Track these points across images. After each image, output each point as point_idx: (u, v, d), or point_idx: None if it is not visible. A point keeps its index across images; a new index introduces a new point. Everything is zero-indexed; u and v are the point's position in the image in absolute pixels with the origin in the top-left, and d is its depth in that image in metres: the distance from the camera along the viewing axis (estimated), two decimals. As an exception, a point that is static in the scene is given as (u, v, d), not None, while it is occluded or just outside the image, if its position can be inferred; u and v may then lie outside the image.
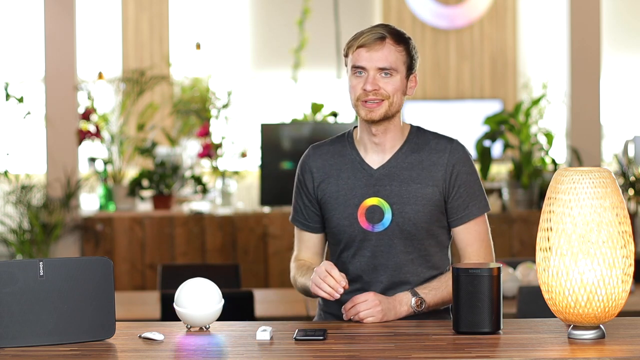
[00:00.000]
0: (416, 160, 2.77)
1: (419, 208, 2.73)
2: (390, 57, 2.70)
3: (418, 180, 2.75)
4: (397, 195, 2.73)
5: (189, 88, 8.85)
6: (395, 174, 2.75)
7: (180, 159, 6.97)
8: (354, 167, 2.77)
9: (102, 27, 9.68)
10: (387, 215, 2.72)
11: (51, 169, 6.40)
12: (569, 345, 2.31)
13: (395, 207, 2.72)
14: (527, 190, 6.44)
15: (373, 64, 2.69)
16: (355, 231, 2.75)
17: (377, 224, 2.73)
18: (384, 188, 2.74)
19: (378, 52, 2.69)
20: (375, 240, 2.74)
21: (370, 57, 2.69)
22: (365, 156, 2.78)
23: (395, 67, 2.70)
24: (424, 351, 2.29)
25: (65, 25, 6.41)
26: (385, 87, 2.70)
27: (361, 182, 2.75)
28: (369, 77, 2.69)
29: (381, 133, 2.75)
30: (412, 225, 2.73)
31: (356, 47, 2.70)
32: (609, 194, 2.31)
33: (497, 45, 9.72)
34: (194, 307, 2.49)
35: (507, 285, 4.27)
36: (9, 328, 2.32)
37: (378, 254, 2.75)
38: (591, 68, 6.49)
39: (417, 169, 2.76)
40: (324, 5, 8.79)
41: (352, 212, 2.74)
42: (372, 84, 2.68)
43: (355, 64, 2.71)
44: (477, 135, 6.82)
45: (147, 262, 6.38)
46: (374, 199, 2.72)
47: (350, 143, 2.82)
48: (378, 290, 2.74)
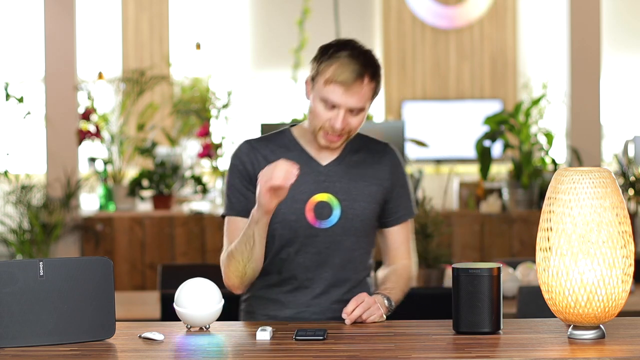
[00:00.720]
0: (361, 159, 2.78)
1: (367, 205, 2.75)
2: (365, 96, 2.64)
3: (364, 177, 2.77)
4: (346, 192, 2.73)
5: (189, 88, 8.85)
6: (343, 171, 2.75)
7: (180, 159, 6.97)
8: (301, 161, 2.71)
9: (102, 27, 9.68)
10: (335, 211, 2.68)
11: (51, 169, 6.40)
12: (569, 345, 2.31)
13: (344, 203, 2.71)
14: (527, 190, 6.44)
15: (347, 105, 2.62)
16: (302, 227, 2.70)
17: (324, 220, 2.68)
18: (333, 184, 2.73)
19: (355, 95, 2.61)
20: (322, 236, 2.72)
21: (346, 99, 2.61)
22: (312, 153, 2.76)
23: (366, 105, 2.66)
24: (424, 351, 2.29)
25: (65, 25, 6.41)
26: (352, 122, 2.65)
27: (309, 177, 2.73)
28: (339, 116, 2.62)
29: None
30: (359, 222, 2.74)
31: (332, 81, 2.60)
32: (609, 194, 2.31)
33: (497, 45, 9.72)
34: (194, 307, 2.49)
35: (507, 285, 4.27)
36: (9, 328, 2.32)
37: (324, 250, 2.73)
38: (591, 68, 6.49)
39: (362, 167, 2.77)
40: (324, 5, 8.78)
41: (299, 207, 2.69)
42: (342, 123, 2.63)
43: (327, 99, 2.62)
44: (477, 135, 6.81)
45: (147, 262, 6.38)
46: (323, 194, 2.67)
47: (293, 140, 2.78)
48: (321, 287, 2.74)
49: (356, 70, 2.60)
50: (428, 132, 9.25)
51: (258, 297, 2.81)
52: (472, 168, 8.47)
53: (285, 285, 2.77)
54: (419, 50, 9.73)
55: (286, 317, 2.76)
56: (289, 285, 2.76)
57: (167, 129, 8.12)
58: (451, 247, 6.32)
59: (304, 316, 2.76)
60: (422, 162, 8.86)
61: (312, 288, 2.75)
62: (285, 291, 2.77)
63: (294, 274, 2.75)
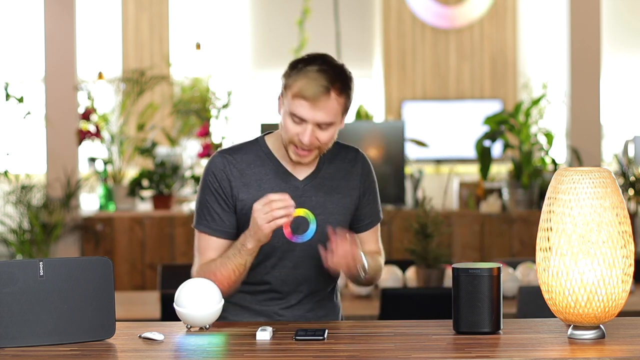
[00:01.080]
0: (334, 170, 2.77)
1: (341, 218, 2.76)
2: (332, 110, 2.60)
3: (338, 189, 2.76)
4: (322, 207, 2.73)
5: (189, 88, 8.85)
6: (319, 185, 2.74)
7: (180, 159, 6.97)
8: (277, 177, 2.71)
9: (102, 27, 9.68)
10: (312, 226, 2.65)
11: (51, 169, 6.40)
12: (569, 345, 2.31)
13: (320, 217, 2.70)
14: (527, 190, 6.44)
15: (314, 119, 2.59)
16: (279, 242, 2.69)
17: (301, 234, 2.66)
18: (309, 199, 2.72)
19: (322, 109, 2.58)
20: (298, 251, 2.72)
21: (313, 114, 2.59)
22: (288, 166, 2.73)
23: (335, 119, 2.62)
24: (424, 351, 2.29)
25: (65, 25, 6.41)
26: (321, 137, 2.62)
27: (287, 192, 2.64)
28: (307, 131, 2.60)
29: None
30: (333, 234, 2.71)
31: (299, 97, 2.58)
32: (609, 194, 2.31)
33: (497, 45, 9.72)
34: (194, 307, 2.49)
35: (507, 285, 4.27)
36: (9, 328, 2.32)
37: (300, 264, 2.74)
38: (591, 68, 6.49)
39: (336, 179, 2.76)
40: (324, 5, 8.78)
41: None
42: (310, 137, 2.60)
43: (295, 113, 2.60)
44: (477, 135, 6.81)
45: (147, 262, 6.39)
46: (300, 210, 2.63)
47: (268, 153, 2.74)
48: (297, 299, 2.76)
49: (323, 85, 2.57)
50: (428, 132, 9.25)
51: (231, 303, 2.78)
52: (472, 168, 8.47)
53: (260, 295, 2.77)
54: (419, 50, 9.73)
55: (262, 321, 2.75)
56: (264, 295, 2.77)
57: (167, 129, 8.12)
58: (451, 247, 6.32)
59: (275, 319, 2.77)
60: (422, 162, 8.86)
61: (288, 299, 2.77)
62: (259, 300, 2.77)
63: (270, 286, 2.76)
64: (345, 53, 8.26)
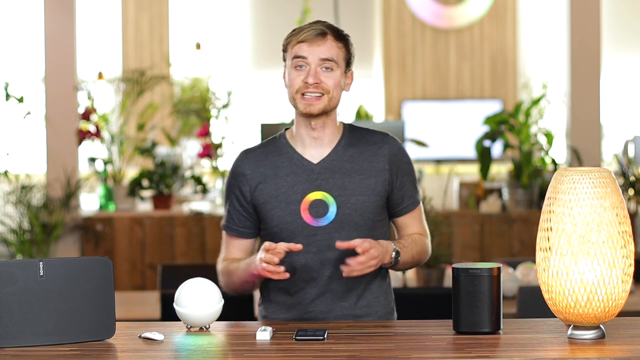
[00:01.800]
0: (356, 152, 2.78)
1: (365, 198, 2.74)
2: (332, 50, 2.70)
3: (360, 171, 2.76)
4: (340, 188, 2.73)
5: (189, 88, 8.85)
6: (336, 167, 2.75)
7: (180, 159, 6.97)
8: (292, 163, 2.75)
9: (102, 27, 9.68)
10: (331, 208, 2.69)
11: (51, 169, 6.40)
12: (569, 345, 2.31)
13: (339, 199, 2.71)
14: (527, 190, 6.44)
15: (315, 56, 2.69)
16: (299, 227, 2.71)
17: (321, 218, 2.70)
18: (326, 181, 2.73)
19: (320, 47, 2.69)
20: (320, 234, 2.72)
21: (312, 50, 2.69)
22: (304, 152, 2.77)
23: (336, 60, 2.71)
24: (424, 351, 2.29)
25: (65, 25, 6.41)
26: (326, 81, 2.69)
27: (302, 177, 2.73)
28: (311, 70, 2.69)
29: (320, 127, 2.75)
30: (358, 216, 2.73)
31: (297, 42, 2.70)
32: (609, 194, 2.31)
33: (497, 45, 9.72)
34: (194, 307, 2.49)
35: (507, 285, 4.27)
36: (9, 328, 2.32)
37: (324, 248, 2.72)
38: (591, 68, 6.49)
39: (358, 160, 2.76)
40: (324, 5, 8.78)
41: (294, 208, 2.71)
42: (314, 76, 2.68)
43: (297, 54, 2.69)
44: (477, 135, 6.81)
45: (147, 262, 6.39)
46: (317, 193, 2.69)
47: (285, 143, 2.80)
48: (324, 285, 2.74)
49: (319, 28, 2.71)
50: (428, 132, 9.25)
51: (268, 301, 2.83)
52: (472, 168, 8.47)
53: (292, 287, 2.76)
54: (419, 50, 9.73)
55: (294, 318, 2.76)
56: (293, 286, 2.76)
57: (167, 129, 8.12)
58: (451, 247, 6.32)
59: (311, 316, 2.75)
60: (422, 162, 8.86)
61: (316, 287, 2.75)
62: (292, 292, 2.77)
63: (298, 274, 2.75)
64: (345, 53, 8.24)
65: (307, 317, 2.75)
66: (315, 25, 2.72)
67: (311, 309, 2.75)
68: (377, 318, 2.79)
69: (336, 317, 2.74)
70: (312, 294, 2.75)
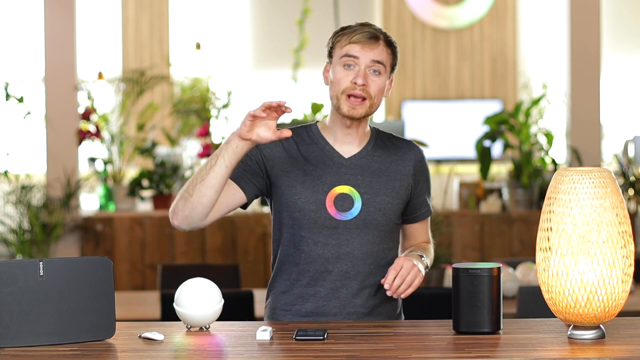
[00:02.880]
0: (384, 154, 2.80)
1: (389, 199, 2.75)
2: (383, 54, 2.72)
3: (387, 172, 2.78)
4: (368, 186, 2.74)
5: (189, 88, 8.85)
6: (366, 164, 2.77)
7: (180, 159, 6.97)
8: (323, 154, 2.76)
9: (102, 27, 9.68)
10: (356, 204, 2.71)
11: (51, 169, 6.40)
12: (569, 345, 2.31)
13: (365, 196, 2.73)
14: (527, 190, 6.44)
15: (367, 57, 2.69)
16: (322, 217, 2.71)
17: (345, 212, 2.71)
18: (355, 177, 2.74)
19: (373, 49, 2.70)
20: (342, 228, 2.72)
21: (365, 52, 2.69)
22: (335, 146, 2.78)
23: (386, 64, 2.72)
24: (424, 351, 2.29)
25: (65, 25, 6.41)
26: (372, 85, 2.70)
27: (331, 169, 2.74)
28: (360, 71, 2.69)
29: (354, 127, 2.77)
30: (381, 216, 2.74)
31: (349, 42, 2.70)
32: (609, 194, 2.31)
33: (497, 45, 9.72)
34: (194, 307, 2.49)
35: (507, 285, 4.27)
36: (9, 328, 2.32)
37: (344, 242, 2.72)
38: (591, 68, 6.49)
39: (385, 162, 2.79)
40: (324, 5, 8.78)
41: (320, 197, 2.71)
42: (363, 78, 2.68)
43: (348, 53, 2.69)
44: (477, 135, 6.81)
45: (147, 262, 6.39)
46: (344, 187, 2.71)
47: (317, 133, 2.81)
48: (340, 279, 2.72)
49: (372, 32, 2.71)
50: (428, 132, 9.25)
51: (280, 292, 2.79)
52: (472, 168, 8.47)
53: (304, 278, 2.75)
54: (419, 50, 9.73)
55: (307, 311, 2.75)
56: (308, 277, 2.74)
57: (167, 129, 8.12)
58: (451, 247, 6.32)
59: (325, 310, 2.74)
60: (422, 162, 8.84)
61: (331, 280, 2.73)
62: (304, 284, 2.75)
63: (313, 265, 2.74)
64: (345, 53, 8.24)
65: (321, 311, 2.73)
66: (368, 27, 2.72)
67: (325, 303, 2.74)
68: (387, 319, 2.79)
69: (349, 314, 2.73)
70: (327, 288, 2.74)
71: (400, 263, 2.61)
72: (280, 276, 2.80)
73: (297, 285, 2.76)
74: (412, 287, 2.61)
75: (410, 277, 2.60)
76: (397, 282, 2.59)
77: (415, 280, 2.61)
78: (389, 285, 2.59)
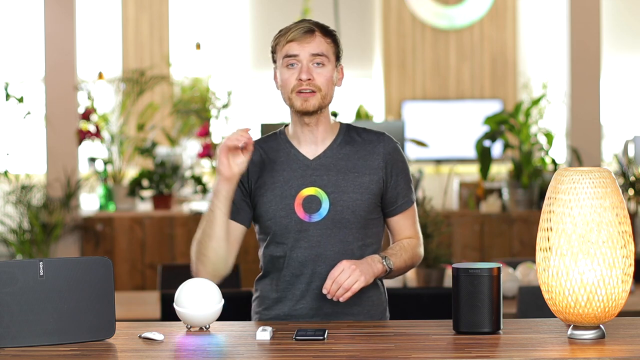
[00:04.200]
0: (351, 151, 2.79)
1: (357, 196, 2.75)
2: (322, 46, 2.73)
3: (355, 169, 2.77)
4: (334, 185, 2.74)
5: (189, 88, 8.85)
6: (331, 164, 2.77)
7: (180, 159, 6.97)
8: (289, 159, 2.78)
9: (102, 27, 9.68)
10: (324, 204, 2.71)
11: (51, 169, 6.40)
12: (569, 345, 2.31)
13: (332, 196, 2.73)
14: (527, 190, 6.44)
15: (306, 52, 2.70)
16: (292, 222, 2.73)
17: (314, 213, 2.72)
18: (320, 178, 2.75)
19: (310, 44, 2.71)
20: (312, 230, 2.73)
21: (302, 47, 2.71)
22: (300, 148, 2.79)
23: (327, 54, 2.73)
24: (424, 351, 2.29)
25: (65, 25, 6.41)
26: (318, 77, 2.71)
27: (297, 172, 2.76)
28: (303, 67, 2.70)
29: (314, 124, 2.77)
30: (350, 214, 2.73)
31: (286, 42, 2.72)
32: (609, 194, 2.31)
33: (497, 45, 9.72)
34: (194, 307, 2.49)
35: (507, 285, 4.27)
36: (9, 328, 2.32)
37: (316, 244, 2.73)
38: (591, 68, 6.49)
39: (353, 158, 2.78)
40: (324, 5, 8.78)
41: (288, 202, 2.73)
42: (307, 72, 2.70)
43: (287, 53, 2.71)
44: (477, 135, 6.81)
45: (147, 262, 6.38)
46: (310, 188, 2.72)
47: (284, 138, 2.82)
48: (316, 281, 2.73)
49: (306, 26, 2.73)
50: (428, 132, 9.25)
51: (260, 297, 2.84)
52: (472, 168, 8.47)
53: (282, 282, 2.78)
54: (419, 50, 9.73)
55: (284, 312, 2.77)
56: (285, 282, 2.77)
57: (167, 129, 8.12)
58: (451, 247, 6.32)
59: (301, 312, 2.76)
60: (422, 162, 8.85)
61: (308, 282, 2.75)
62: (282, 288, 2.78)
63: (289, 270, 2.76)
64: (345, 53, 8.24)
65: (295, 313, 2.75)
66: (302, 23, 2.74)
67: (300, 306, 2.76)
68: (369, 317, 2.79)
69: (325, 315, 2.74)
70: (301, 289, 2.76)
71: (340, 267, 2.60)
72: (261, 280, 2.84)
73: (274, 289, 2.79)
74: (351, 292, 2.60)
75: (349, 282, 2.58)
76: (334, 287, 2.59)
77: (355, 284, 2.59)
78: (327, 290, 2.59)
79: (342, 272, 2.60)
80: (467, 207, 6.62)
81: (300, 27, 2.72)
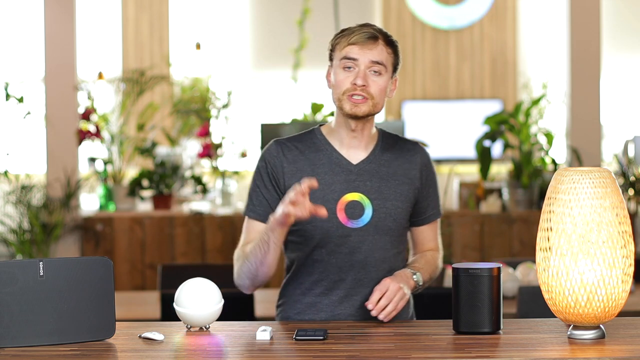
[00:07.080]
0: (391, 158, 2.78)
1: (399, 204, 2.75)
2: (382, 54, 2.69)
3: (395, 177, 2.77)
4: (377, 191, 2.73)
5: (189, 88, 8.85)
6: (374, 170, 2.76)
7: (180, 159, 6.97)
8: (331, 162, 2.75)
9: (102, 27, 9.68)
10: (367, 210, 2.70)
11: (51, 169, 6.40)
12: (569, 345, 2.31)
13: (376, 202, 2.72)
14: (527, 190, 6.43)
15: (366, 58, 2.67)
16: (334, 227, 2.70)
17: (356, 219, 2.70)
18: (364, 184, 2.73)
19: (372, 50, 2.68)
20: (354, 236, 2.71)
21: (364, 53, 2.67)
22: (342, 152, 2.77)
23: (385, 64, 2.70)
24: (424, 351, 2.29)
25: (65, 25, 6.41)
26: (372, 85, 2.68)
27: (340, 177, 2.73)
28: (360, 72, 2.67)
29: (359, 130, 2.75)
30: (392, 221, 2.73)
31: (347, 44, 2.68)
32: (609, 194, 2.31)
33: (497, 45, 9.72)
34: (194, 307, 2.49)
35: (507, 285, 4.27)
36: (9, 328, 2.32)
37: (356, 250, 2.72)
38: (591, 68, 6.48)
39: (393, 166, 2.77)
40: (324, 5, 8.78)
41: (330, 207, 2.68)
42: (363, 78, 2.66)
43: (347, 56, 2.68)
44: (477, 135, 6.81)
45: (147, 262, 6.38)
46: (354, 194, 2.70)
47: (323, 139, 2.78)
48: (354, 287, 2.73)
49: (371, 32, 2.69)
50: (428, 132, 9.25)
51: (292, 302, 2.80)
52: (472, 168, 8.47)
53: (318, 287, 2.75)
54: (419, 50, 9.73)
55: (321, 318, 2.75)
56: (322, 287, 2.75)
57: (167, 129, 8.12)
58: (451, 247, 6.31)
59: (339, 318, 2.74)
60: (422, 162, 8.83)
61: (345, 288, 2.73)
62: (318, 293, 2.75)
63: (326, 274, 2.74)
64: (345, 53, 8.24)
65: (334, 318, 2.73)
66: (367, 28, 2.70)
67: (339, 312, 2.74)
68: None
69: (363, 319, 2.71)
70: (340, 295, 2.74)
71: (386, 284, 2.59)
72: (292, 284, 2.80)
73: (310, 294, 2.76)
74: (396, 310, 2.59)
75: (396, 300, 2.59)
76: (383, 303, 2.57)
77: (400, 303, 2.59)
78: (373, 305, 2.57)
79: (389, 290, 2.58)
80: (467, 207, 6.61)
81: (364, 31, 2.68)
